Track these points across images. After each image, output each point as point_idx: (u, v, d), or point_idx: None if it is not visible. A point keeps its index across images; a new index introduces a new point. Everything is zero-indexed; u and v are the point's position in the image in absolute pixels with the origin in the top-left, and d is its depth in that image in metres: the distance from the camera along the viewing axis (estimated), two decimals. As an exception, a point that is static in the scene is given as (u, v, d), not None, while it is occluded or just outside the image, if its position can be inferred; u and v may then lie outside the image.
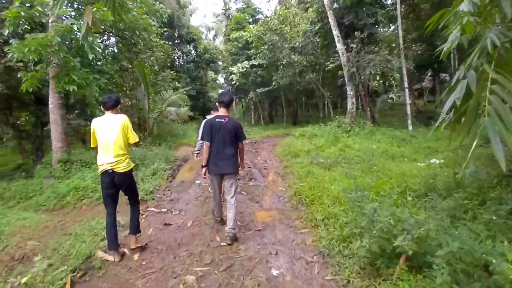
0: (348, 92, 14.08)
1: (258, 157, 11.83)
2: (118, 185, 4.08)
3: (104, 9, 7.88)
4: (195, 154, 6.65)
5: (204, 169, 4.66)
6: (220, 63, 33.94)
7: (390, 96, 33.63)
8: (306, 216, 5.26)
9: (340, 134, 12.60)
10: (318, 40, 17.57)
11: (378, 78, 27.96)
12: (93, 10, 7.80)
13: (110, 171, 3.94)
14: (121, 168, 3.97)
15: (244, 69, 20.84)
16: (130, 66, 16.75)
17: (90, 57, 8.04)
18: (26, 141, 16.00)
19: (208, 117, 5.50)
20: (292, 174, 8.40)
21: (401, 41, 13.63)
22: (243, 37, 23.87)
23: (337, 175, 7.48)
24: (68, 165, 9.20)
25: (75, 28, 7.63)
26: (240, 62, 22.54)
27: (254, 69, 22.80)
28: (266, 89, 22.45)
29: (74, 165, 9.18)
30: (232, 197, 4.53)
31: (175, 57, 28.24)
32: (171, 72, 20.35)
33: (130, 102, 17.14)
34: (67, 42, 8.45)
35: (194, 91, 27.27)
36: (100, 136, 3.98)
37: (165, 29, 22.28)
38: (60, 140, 9.46)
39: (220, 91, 42.90)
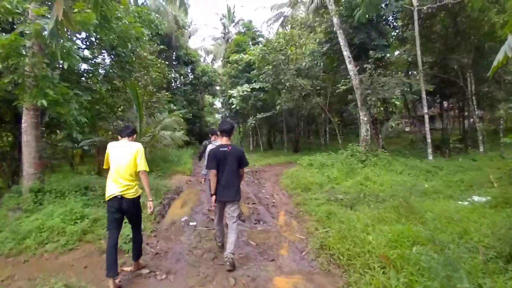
0: (361, 118, 12.73)
1: (262, 189, 10.30)
2: (125, 211, 4.06)
3: (88, 10, 6.50)
4: (202, 179, 7.31)
5: (213, 197, 4.69)
6: (218, 87, 32.88)
7: (390, 124, 32.49)
8: (348, 288, 3.71)
9: (355, 165, 11.13)
10: (324, 62, 16.39)
11: (378, 105, 26.85)
12: (74, 11, 6.45)
13: (119, 197, 3.93)
14: (130, 194, 4.00)
15: (245, 93, 19.57)
16: (122, 85, 15.44)
17: (65, 65, 6.61)
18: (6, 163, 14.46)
19: (209, 144, 6.23)
20: (309, 215, 6.91)
21: (419, 62, 12.42)
22: (243, 59, 22.76)
23: (367, 217, 5.98)
24: (40, 195, 7.48)
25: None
26: (240, 86, 21.32)
27: (254, 93, 21.58)
28: (267, 114, 21.16)
29: (47, 196, 7.47)
30: (234, 222, 4.70)
31: (172, 79, 27.01)
32: (167, 93, 19.02)
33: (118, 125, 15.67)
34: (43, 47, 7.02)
35: (191, 115, 25.92)
36: (112, 160, 4.05)
37: (161, 46, 21.21)
38: (32, 165, 7.77)
39: (217, 115, 41.98)
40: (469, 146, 16.04)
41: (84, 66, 11.47)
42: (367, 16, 11.31)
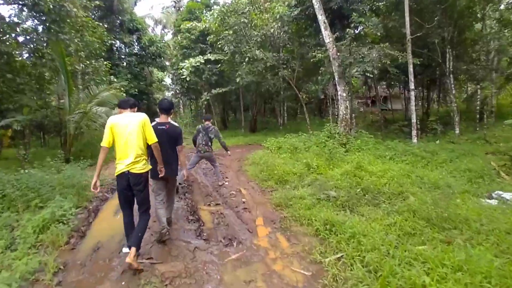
0: (339, 93, 10.86)
1: (224, 181, 8.10)
2: (132, 187, 3.81)
3: None
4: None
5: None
6: (168, 63, 29.65)
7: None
8: None
9: (336, 149, 9.22)
10: (294, 29, 14.18)
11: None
12: None
13: (127, 172, 3.74)
14: (137, 169, 3.77)
15: (198, 64, 16.99)
16: (48, 51, 12.34)
17: None
18: None
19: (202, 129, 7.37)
20: (299, 224, 5.01)
21: (408, 31, 10.62)
22: (197, 28, 19.98)
23: (384, 228, 4.28)
24: None
25: None
26: (192, 58, 18.63)
27: (209, 66, 19.06)
28: (223, 89, 18.79)
29: None
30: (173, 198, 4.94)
31: (114, 47, 23.51)
32: (106, 63, 15.98)
33: (39, 99, 12.68)
34: None
35: (136, 90, 22.80)
36: (118, 135, 3.74)
37: (101, 10, 17.97)
38: None
39: (167, 93, 38.67)
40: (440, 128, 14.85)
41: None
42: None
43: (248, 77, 14.87)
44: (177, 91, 27.54)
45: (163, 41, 28.05)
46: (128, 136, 3.72)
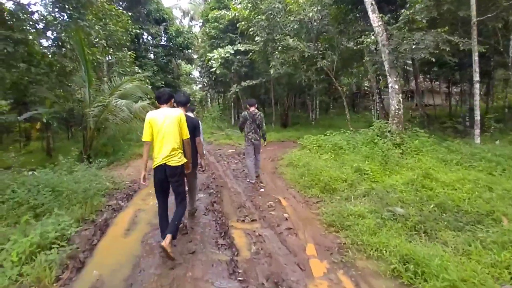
0: (390, 85, 9.37)
1: (259, 187, 6.90)
2: (169, 178, 3.91)
3: None
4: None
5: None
6: (196, 56, 28.63)
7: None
8: None
9: (389, 150, 7.78)
10: (334, 13, 12.68)
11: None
12: None
13: (163, 164, 3.83)
14: (174, 161, 3.87)
15: (227, 55, 15.81)
16: (67, 39, 11.49)
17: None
18: None
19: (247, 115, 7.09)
20: (366, 256, 3.75)
21: (474, 12, 9.00)
22: (225, 17, 18.77)
23: (493, 272, 2.93)
24: None
25: None
26: (221, 48, 17.45)
27: (238, 57, 17.86)
28: (254, 82, 17.58)
29: None
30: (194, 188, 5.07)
31: (139, 36, 22.59)
32: (130, 53, 15.06)
33: (61, 91, 11.86)
34: None
35: (162, 83, 21.87)
36: (157, 127, 3.86)
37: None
38: None
39: (195, 86, 37.81)
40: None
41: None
42: None
43: (283, 68, 13.54)
44: (205, 84, 26.45)
45: (191, 32, 26.95)
46: (165, 130, 3.84)
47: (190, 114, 5.08)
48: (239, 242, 4.14)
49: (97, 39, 12.43)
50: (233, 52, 16.35)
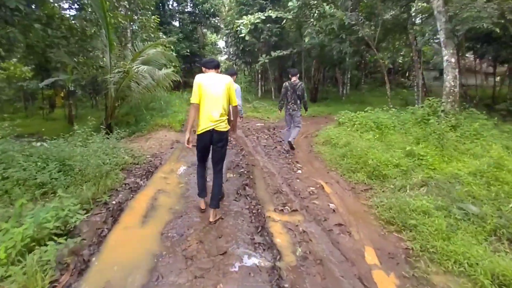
0: (445, 59, 8.17)
1: (295, 168, 6.06)
2: (215, 143, 3.82)
3: None
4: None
5: None
6: (222, 25, 27.36)
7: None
8: None
9: (444, 132, 6.73)
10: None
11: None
12: None
13: (211, 130, 3.72)
14: (221, 127, 3.77)
15: (258, 21, 14.70)
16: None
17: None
18: None
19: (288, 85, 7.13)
20: (443, 269, 2.99)
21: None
22: (257, -21, 17.60)
23: None
24: None
25: None
26: (251, 15, 16.29)
27: (268, 25, 16.66)
28: (285, 52, 16.42)
29: None
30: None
31: (166, 4, 21.55)
32: (154, 17, 14.16)
33: (83, 57, 11.15)
34: None
35: (188, 51, 20.95)
36: (207, 91, 3.74)
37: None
38: None
39: (220, 57, 36.66)
40: None
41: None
42: None
43: (319, 37, 12.35)
44: (231, 53, 25.31)
45: (218, -1, 25.61)
46: (215, 95, 3.74)
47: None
48: (280, 240, 3.34)
49: (120, 1, 11.54)
50: (264, 18, 15.27)
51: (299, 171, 5.82)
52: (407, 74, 27.22)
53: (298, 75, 7.22)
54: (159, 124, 9.65)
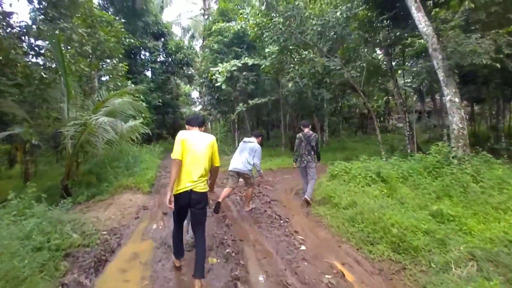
0: (449, 99, 7.30)
1: (295, 242, 4.72)
2: (193, 205, 3.59)
3: None
4: None
5: None
6: (197, 77, 26.73)
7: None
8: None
9: (464, 180, 5.64)
10: (363, 14, 10.68)
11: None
12: None
13: (189, 190, 3.53)
14: (200, 187, 3.59)
15: (234, 68, 13.92)
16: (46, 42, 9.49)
17: None
18: None
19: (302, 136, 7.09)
20: None
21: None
22: (231, 29, 17.12)
23: None
24: None
25: None
26: (226, 63, 15.54)
27: (244, 73, 15.87)
28: (263, 99, 15.55)
29: None
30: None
31: (135, 53, 20.65)
32: (122, 64, 13.05)
33: (42, 107, 9.81)
34: None
35: (159, 101, 19.87)
36: (190, 149, 3.61)
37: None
38: None
39: (194, 108, 35.86)
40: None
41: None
42: None
43: (302, 81, 11.49)
44: (206, 102, 24.37)
45: (192, 48, 25.02)
46: (197, 155, 3.61)
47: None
48: None
49: (83, 47, 10.40)
50: (240, 65, 14.56)
51: (303, 247, 4.47)
52: (381, 119, 27.14)
53: (309, 126, 7.17)
54: (124, 185, 8.16)
